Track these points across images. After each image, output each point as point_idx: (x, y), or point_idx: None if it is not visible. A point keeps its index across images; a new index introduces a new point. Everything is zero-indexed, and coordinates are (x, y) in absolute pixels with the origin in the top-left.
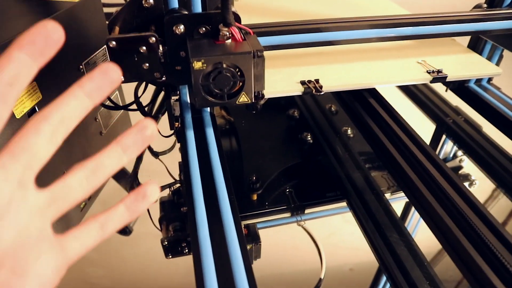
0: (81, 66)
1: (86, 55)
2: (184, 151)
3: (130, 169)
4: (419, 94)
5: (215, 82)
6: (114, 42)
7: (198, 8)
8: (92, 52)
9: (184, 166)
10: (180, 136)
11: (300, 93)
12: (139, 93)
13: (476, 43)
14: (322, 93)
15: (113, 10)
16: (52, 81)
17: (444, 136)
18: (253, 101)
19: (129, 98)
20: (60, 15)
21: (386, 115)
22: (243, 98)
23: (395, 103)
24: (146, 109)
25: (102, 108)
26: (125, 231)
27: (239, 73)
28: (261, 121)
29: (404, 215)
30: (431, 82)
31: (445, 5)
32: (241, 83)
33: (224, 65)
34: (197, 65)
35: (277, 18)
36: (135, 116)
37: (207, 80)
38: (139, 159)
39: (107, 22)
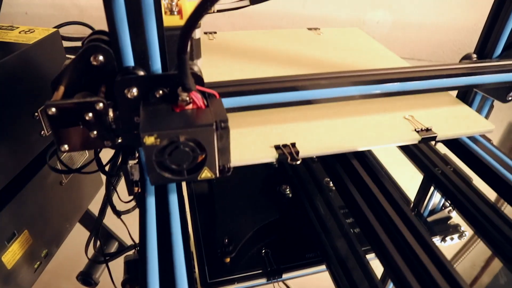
0: (36, 114)
1: (43, 100)
2: (141, 221)
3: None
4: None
5: (171, 157)
6: (53, 109)
7: (157, 66)
8: (50, 97)
9: (140, 240)
10: (140, 202)
11: (274, 160)
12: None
13: (466, 93)
14: (298, 161)
15: (77, 43)
16: (1, 134)
17: (432, 187)
18: (217, 176)
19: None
20: (13, 57)
21: (364, 173)
22: (205, 174)
23: (381, 150)
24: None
25: (65, 153)
26: (90, 282)
27: (199, 147)
28: (236, 170)
29: (385, 278)
30: (419, 142)
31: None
32: (202, 157)
33: (182, 139)
34: (149, 140)
35: (255, 58)
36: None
37: (161, 156)
38: (101, 215)
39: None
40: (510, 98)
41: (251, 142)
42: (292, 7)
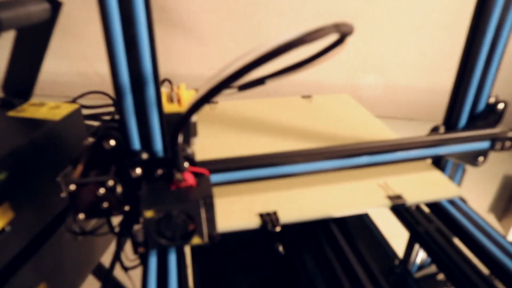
0: (58, 178)
1: (64, 166)
2: (144, 280)
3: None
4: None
5: (167, 227)
6: (73, 186)
7: (158, 148)
8: (69, 163)
9: None
10: (143, 260)
11: (257, 227)
12: None
13: (439, 160)
14: (278, 228)
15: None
16: (27, 197)
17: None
18: (206, 241)
19: None
20: (42, 132)
21: (341, 237)
22: (196, 240)
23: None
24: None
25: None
26: None
27: (190, 218)
28: None
29: None
30: (390, 208)
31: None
32: (193, 226)
33: (175, 213)
34: (148, 214)
35: (250, 128)
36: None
37: (159, 226)
38: (111, 268)
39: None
40: (479, 163)
41: (238, 210)
42: None
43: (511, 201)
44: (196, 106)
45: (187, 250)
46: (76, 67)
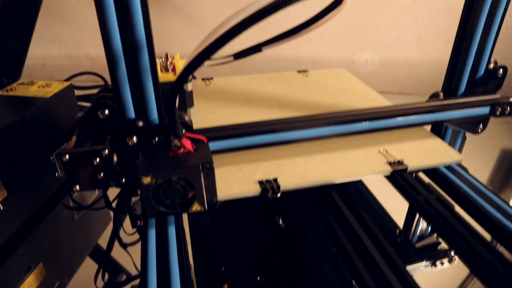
0: (51, 157)
1: (57, 146)
2: (143, 251)
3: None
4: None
5: (166, 194)
6: (67, 156)
7: (154, 117)
8: (63, 143)
9: (142, 269)
10: (142, 234)
11: (258, 194)
12: None
13: (439, 127)
14: (278, 195)
15: (89, 91)
16: (20, 176)
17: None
18: (206, 209)
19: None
20: (33, 110)
21: (342, 204)
22: (196, 207)
23: (373, 181)
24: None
25: (76, 192)
26: None
27: (189, 185)
28: (233, 203)
29: None
30: (391, 173)
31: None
32: (192, 193)
33: (174, 179)
34: (146, 180)
35: (247, 102)
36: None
37: (157, 193)
38: (109, 248)
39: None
40: (480, 130)
41: (238, 179)
42: (285, 51)
43: (509, 175)
44: (194, 64)
45: (186, 227)
46: (65, 50)
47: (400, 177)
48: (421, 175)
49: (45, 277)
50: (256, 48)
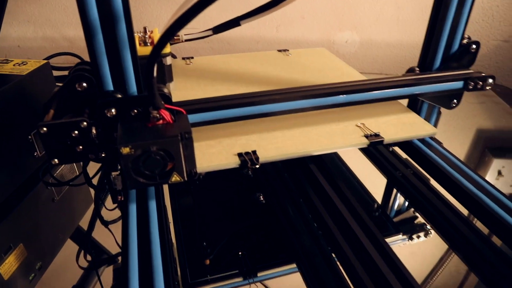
0: (30, 136)
1: (36, 125)
2: (124, 228)
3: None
4: (370, 147)
5: (145, 165)
6: (45, 128)
7: (133, 89)
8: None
9: (123, 245)
10: (123, 209)
11: (237, 166)
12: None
13: (415, 103)
14: (257, 166)
15: (66, 72)
16: None
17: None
18: (186, 179)
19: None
20: (8, 88)
21: (321, 176)
22: (175, 178)
23: (352, 158)
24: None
25: (56, 169)
26: None
27: (168, 155)
28: (215, 180)
29: None
30: (368, 146)
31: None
32: (172, 164)
33: (153, 149)
34: (125, 150)
35: (227, 80)
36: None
37: (137, 164)
38: (91, 226)
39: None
40: (454, 105)
41: (218, 152)
42: (266, 32)
43: (484, 152)
44: (171, 32)
45: (168, 206)
46: (42, 32)
47: (378, 153)
48: (399, 151)
49: (26, 257)
50: (235, 22)
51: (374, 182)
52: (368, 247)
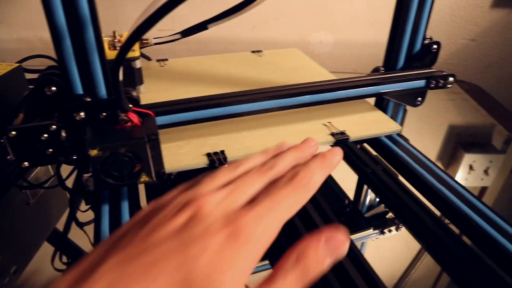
0: (2, 140)
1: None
2: (96, 228)
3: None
4: (341, 145)
5: (113, 166)
6: (14, 132)
7: (102, 93)
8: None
9: (94, 245)
10: (96, 210)
11: (206, 166)
12: None
13: (381, 101)
14: (225, 165)
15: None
16: None
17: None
18: (154, 180)
19: None
20: None
21: None
22: (143, 178)
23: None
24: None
25: (28, 172)
26: None
27: (136, 157)
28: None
29: None
30: (334, 144)
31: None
32: (140, 165)
33: (121, 151)
34: (93, 152)
35: (200, 81)
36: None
37: (105, 166)
38: (67, 228)
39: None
40: (418, 103)
41: (187, 152)
42: (242, 33)
43: (456, 149)
44: (135, 35)
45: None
46: (16, 33)
47: (349, 151)
48: (369, 148)
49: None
50: (202, 26)
51: (348, 179)
52: None
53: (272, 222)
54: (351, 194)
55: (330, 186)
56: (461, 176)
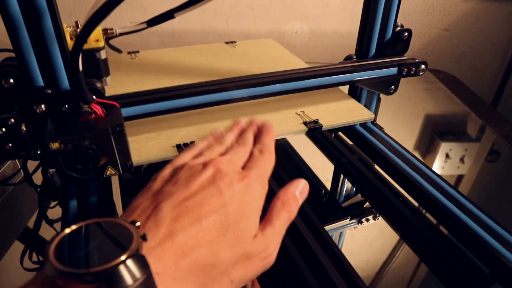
0: None
1: None
2: (63, 225)
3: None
4: (318, 135)
5: (77, 159)
6: None
7: (65, 85)
8: None
9: None
10: (63, 206)
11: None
12: None
13: (354, 90)
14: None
15: None
16: None
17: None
18: (121, 172)
19: None
20: None
21: None
22: (110, 171)
23: (302, 146)
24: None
25: None
26: None
27: (101, 149)
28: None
29: None
30: (307, 133)
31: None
32: (105, 158)
33: (84, 143)
34: (55, 145)
35: (172, 73)
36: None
37: (68, 159)
38: (37, 226)
39: None
40: (392, 91)
41: (157, 144)
42: (216, 24)
43: (433, 138)
44: (92, 23)
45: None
46: None
47: (325, 140)
48: (345, 138)
49: None
50: (169, 14)
51: (326, 168)
52: (305, 234)
53: (265, 177)
54: (329, 184)
55: (307, 176)
56: (438, 164)
